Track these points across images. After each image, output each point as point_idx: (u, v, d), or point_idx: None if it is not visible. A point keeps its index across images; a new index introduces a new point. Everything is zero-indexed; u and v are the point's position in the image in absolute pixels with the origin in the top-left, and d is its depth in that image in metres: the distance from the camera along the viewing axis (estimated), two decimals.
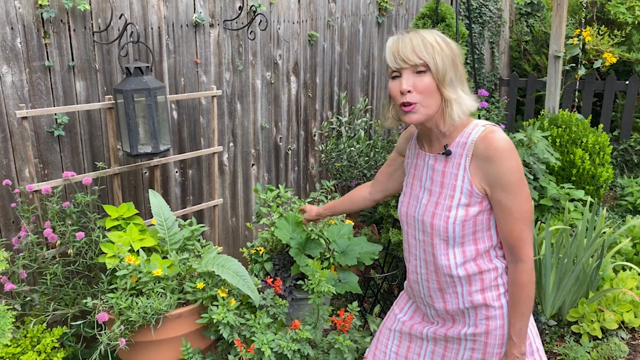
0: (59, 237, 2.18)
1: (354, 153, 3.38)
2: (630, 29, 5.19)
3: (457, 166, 1.46)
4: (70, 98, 2.37)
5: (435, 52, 1.39)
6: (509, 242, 1.45)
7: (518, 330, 1.48)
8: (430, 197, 1.52)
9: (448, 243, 1.48)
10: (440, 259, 1.51)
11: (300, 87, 3.50)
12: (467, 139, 1.45)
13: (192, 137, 2.90)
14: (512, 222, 1.42)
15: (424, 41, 1.40)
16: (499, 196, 1.42)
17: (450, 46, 1.44)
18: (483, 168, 1.42)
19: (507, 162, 1.39)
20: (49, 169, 2.35)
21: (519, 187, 1.40)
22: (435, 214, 1.49)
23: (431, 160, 1.53)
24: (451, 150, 1.47)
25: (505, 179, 1.39)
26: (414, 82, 1.41)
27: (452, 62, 1.42)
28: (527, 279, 1.45)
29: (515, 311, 1.48)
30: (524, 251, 1.44)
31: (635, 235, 3.65)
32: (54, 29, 2.26)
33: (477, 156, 1.43)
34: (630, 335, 2.96)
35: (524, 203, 1.42)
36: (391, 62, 1.43)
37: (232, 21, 2.94)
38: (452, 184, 1.47)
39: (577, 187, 4.08)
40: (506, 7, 5.93)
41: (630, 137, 5.14)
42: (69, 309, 2.21)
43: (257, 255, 2.66)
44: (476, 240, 1.48)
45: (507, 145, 1.40)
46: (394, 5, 4.16)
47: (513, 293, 1.48)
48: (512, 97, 5.66)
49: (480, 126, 1.46)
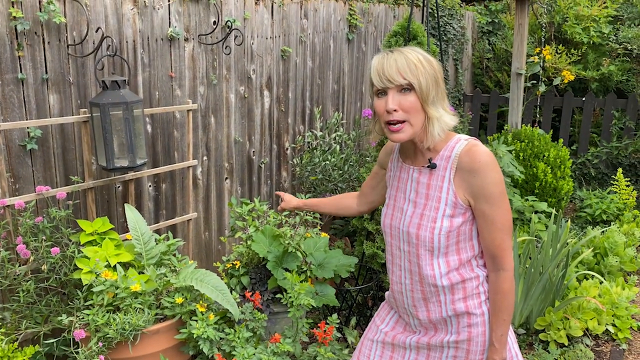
0: (32, 253, 2.13)
1: (329, 166, 3.42)
2: (586, 48, 5.45)
3: (442, 178, 1.52)
4: (44, 111, 2.33)
5: (419, 72, 1.45)
6: (491, 251, 1.51)
7: (500, 337, 1.53)
8: (415, 208, 1.56)
9: (433, 253, 1.53)
10: (425, 269, 1.55)
11: (273, 101, 3.52)
12: (451, 152, 1.51)
13: (166, 151, 2.88)
14: (495, 232, 1.49)
15: (408, 61, 1.45)
16: (482, 207, 1.47)
17: (432, 64, 1.50)
18: (467, 180, 1.48)
19: (491, 174, 1.45)
20: (20, 183, 2.30)
21: (501, 199, 1.47)
22: (420, 225, 1.53)
23: (415, 173, 1.58)
24: (436, 163, 1.53)
25: (488, 191, 1.46)
26: (399, 101, 1.46)
27: (434, 80, 1.48)
28: (509, 286, 1.51)
29: (497, 318, 1.53)
30: (505, 260, 1.51)
31: (596, 246, 3.81)
32: (27, 41, 2.22)
33: (462, 169, 1.49)
34: (594, 342, 3.07)
35: (505, 214, 1.48)
36: (377, 82, 1.48)
37: (206, 36, 2.95)
38: (437, 195, 1.52)
39: (540, 200, 4.23)
40: (469, 26, 6.13)
41: (587, 151, 5.37)
42: (42, 327, 2.15)
43: (234, 269, 2.66)
44: (459, 250, 1.54)
45: (490, 158, 1.46)
46: (363, 23, 4.25)
47: (495, 301, 1.54)
48: (476, 113, 5.84)
49: (463, 140, 1.52)
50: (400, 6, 4.75)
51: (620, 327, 3.09)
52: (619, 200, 4.55)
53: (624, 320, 3.11)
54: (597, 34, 5.37)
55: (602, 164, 5.34)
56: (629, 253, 3.72)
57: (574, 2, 5.50)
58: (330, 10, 3.87)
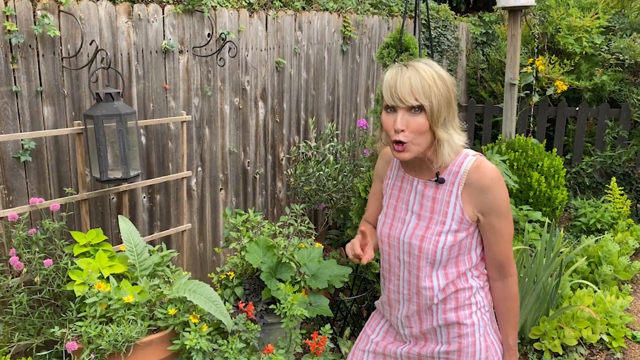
0: (25, 264, 2.13)
1: (323, 177, 3.44)
2: (579, 58, 5.49)
3: (449, 193, 1.52)
4: (38, 123, 2.34)
5: (432, 93, 1.41)
6: (499, 261, 1.56)
7: (514, 340, 1.61)
8: (419, 221, 1.56)
9: (434, 266, 1.55)
10: (423, 280, 1.56)
11: (268, 112, 3.55)
12: (460, 168, 1.51)
13: (161, 162, 2.90)
14: (503, 243, 1.53)
15: (422, 82, 1.41)
16: (492, 222, 1.51)
17: (446, 83, 1.45)
18: (477, 196, 1.49)
19: (501, 190, 1.49)
20: (13, 195, 2.31)
21: (508, 211, 1.52)
22: (425, 238, 1.53)
23: (420, 185, 1.57)
24: (444, 178, 1.52)
25: (498, 206, 1.49)
26: (407, 121, 1.43)
27: (447, 101, 1.44)
28: (516, 291, 1.59)
29: (510, 323, 1.60)
30: (512, 266, 1.57)
31: (590, 255, 3.82)
32: (22, 54, 2.24)
33: (471, 185, 1.49)
34: (588, 351, 3.08)
35: (511, 225, 1.54)
36: (387, 99, 1.44)
37: (201, 48, 2.98)
38: (444, 210, 1.52)
39: (535, 209, 4.25)
40: (463, 37, 6.18)
41: (581, 161, 5.39)
42: (34, 339, 2.15)
43: (227, 280, 2.66)
44: (458, 263, 1.56)
45: (499, 174, 1.49)
46: (357, 35, 4.29)
47: (506, 307, 1.60)
48: (471, 123, 5.87)
49: (470, 156, 1.52)
50: (394, 18, 4.80)
51: (615, 336, 3.09)
52: (613, 209, 4.57)
53: (618, 329, 3.12)
54: (590, 45, 5.42)
55: (596, 173, 5.36)
56: (623, 262, 3.73)
57: (566, 13, 5.55)
58: (324, 22, 3.90)
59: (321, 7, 3.85)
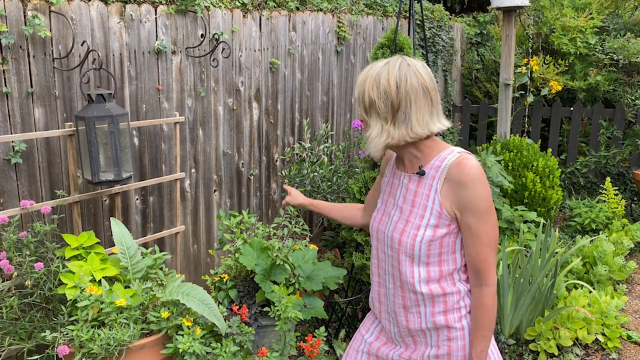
0: (16, 268, 2.11)
1: (317, 178, 3.42)
2: (573, 58, 5.50)
3: (429, 187, 1.52)
4: (29, 125, 2.31)
5: (361, 88, 1.56)
6: (475, 265, 1.51)
7: (479, 353, 1.53)
8: (401, 214, 1.57)
9: (413, 260, 1.54)
10: (405, 274, 1.56)
11: (262, 113, 3.53)
12: (442, 163, 1.52)
13: (154, 164, 2.87)
14: (480, 246, 1.49)
15: (360, 79, 1.55)
16: (468, 220, 1.48)
17: (381, 84, 1.51)
18: (455, 192, 1.48)
19: (478, 188, 1.46)
20: (4, 197, 2.28)
21: (488, 213, 1.47)
22: (404, 231, 1.54)
23: (405, 179, 1.59)
24: (425, 170, 1.54)
25: (475, 204, 1.46)
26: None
27: (383, 101, 1.51)
28: (491, 302, 1.51)
29: (478, 333, 1.53)
30: (489, 275, 1.51)
31: (585, 255, 3.82)
32: (12, 55, 2.22)
33: (450, 180, 1.49)
34: (584, 352, 3.07)
35: (491, 229, 1.49)
36: None
37: (194, 48, 2.96)
38: (423, 204, 1.53)
39: (530, 209, 4.25)
40: (457, 37, 6.18)
41: (576, 161, 5.40)
42: (25, 343, 2.12)
43: (221, 282, 2.64)
44: (441, 262, 1.54)
45: (479, 172, 1.47)
46: (352, 35, 4.28)
47: (476, 316, 1.53)
48: (465, 123, 5.87)
49: (455, 152, 1.53)
50: (389, 18, 4.79)
51: (610, 336, 3.09)
52: (607, 209, 4.58)
53: (613, 330, 3.11)
54: (584, 45, 5.43)
55: (591, 173, 5.37)
56: (618, 262, 3.73)
57: (560, 14, 5.56)
58: (318, 23, 3.89)
59: (315, 7, 3.84)
